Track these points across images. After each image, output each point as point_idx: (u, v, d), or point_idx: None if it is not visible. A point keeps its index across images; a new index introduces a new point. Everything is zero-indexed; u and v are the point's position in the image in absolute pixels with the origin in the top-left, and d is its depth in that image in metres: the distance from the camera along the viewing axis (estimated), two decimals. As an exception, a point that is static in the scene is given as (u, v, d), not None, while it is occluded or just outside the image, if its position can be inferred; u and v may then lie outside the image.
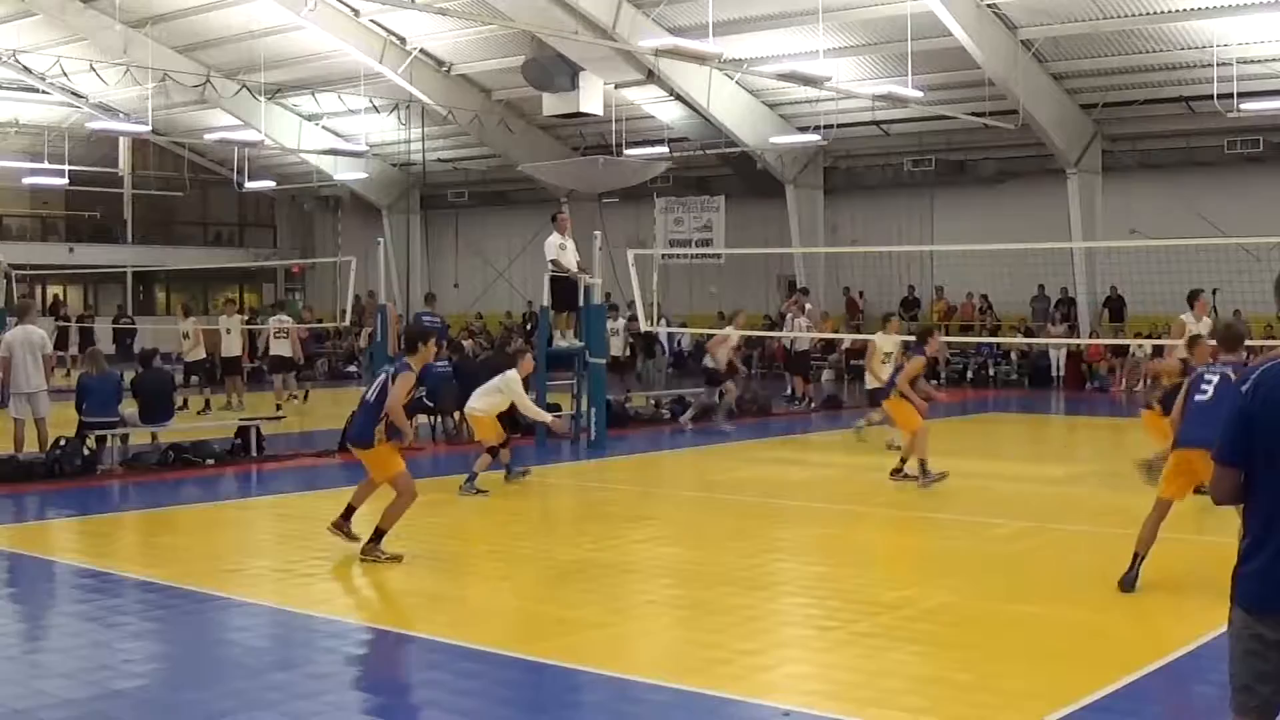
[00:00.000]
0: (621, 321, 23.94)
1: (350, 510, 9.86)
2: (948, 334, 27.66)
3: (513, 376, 13.09)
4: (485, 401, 13.13)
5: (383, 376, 9.81)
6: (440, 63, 31.05)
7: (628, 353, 24.81)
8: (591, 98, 27.55)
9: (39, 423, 14.47)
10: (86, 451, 14.19)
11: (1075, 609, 8.21)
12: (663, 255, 28.00)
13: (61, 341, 29.42)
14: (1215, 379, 8.60)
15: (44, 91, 36.33)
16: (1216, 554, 8.22)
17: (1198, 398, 8.62)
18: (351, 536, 9.70)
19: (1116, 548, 10.32)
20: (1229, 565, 3.87)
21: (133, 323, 33.83)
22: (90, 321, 33.33)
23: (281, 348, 22.33)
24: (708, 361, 19.83)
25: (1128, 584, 8.50)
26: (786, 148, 30.29)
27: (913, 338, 15.59)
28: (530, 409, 13.58)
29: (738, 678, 6.54)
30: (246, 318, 26.22)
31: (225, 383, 22.19)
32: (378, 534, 9.41)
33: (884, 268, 29.68)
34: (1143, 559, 8.52)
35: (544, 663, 6.85)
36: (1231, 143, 25.69)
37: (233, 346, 22.34)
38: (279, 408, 20.95)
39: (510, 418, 17.89)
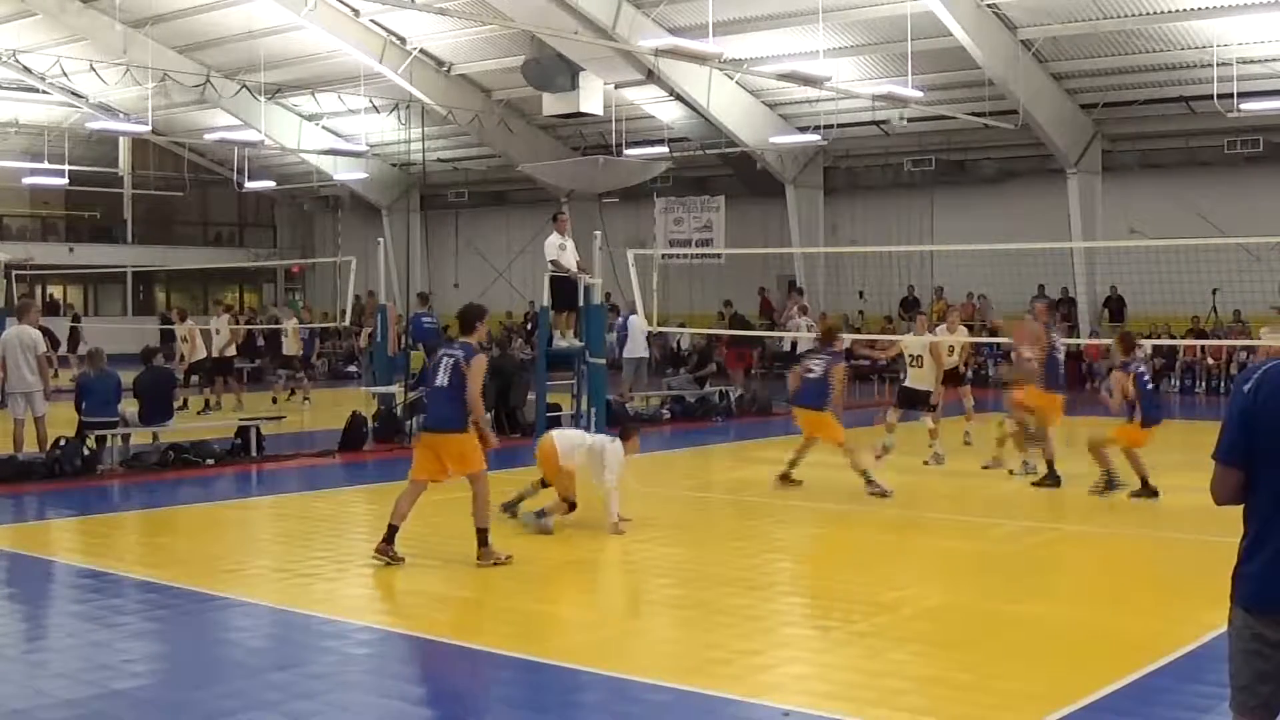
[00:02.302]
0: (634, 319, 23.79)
1: (393, 531, 9.25)
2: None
3: (616, 452, 10.81)
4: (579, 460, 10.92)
5: (450, 360, 9.37)
6: (440, 63, 31.05)
7: None
8: (591, 98, 27.54)
9: (37, 422, 14.46)
10: (86, 451, 14.18)
11: (1075, 609, 8.22)
12: (663, 255, 27.99)
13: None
14: (1146, 371, 12.77)
15: (44, 91, 36.33)
16: (1216, 554, 8.24)
17: (1149, 386, 12.40)
18: (397, 559, 9.22)
19: (1116, 547, 10.34)
20: (1229, 565, 3.87)
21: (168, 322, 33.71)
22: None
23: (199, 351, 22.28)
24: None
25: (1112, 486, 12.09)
26: (786, 148, 30.29)
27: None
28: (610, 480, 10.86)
29: (738, 678, 6.54)
30: (245, 318, 26.25)
31: (215, 382, 22.22)
32: (483, 536, 9.23)
33: (884, 268, 29.67)
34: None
35: (544, 663, 6.85)
36: (1231, 143, 25.67)
37: (224, 347, 22.40)
38: (205, 409, 21.32)
39: (511, 417, 17.98)
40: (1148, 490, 12.18)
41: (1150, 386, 12.52)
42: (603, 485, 10.56)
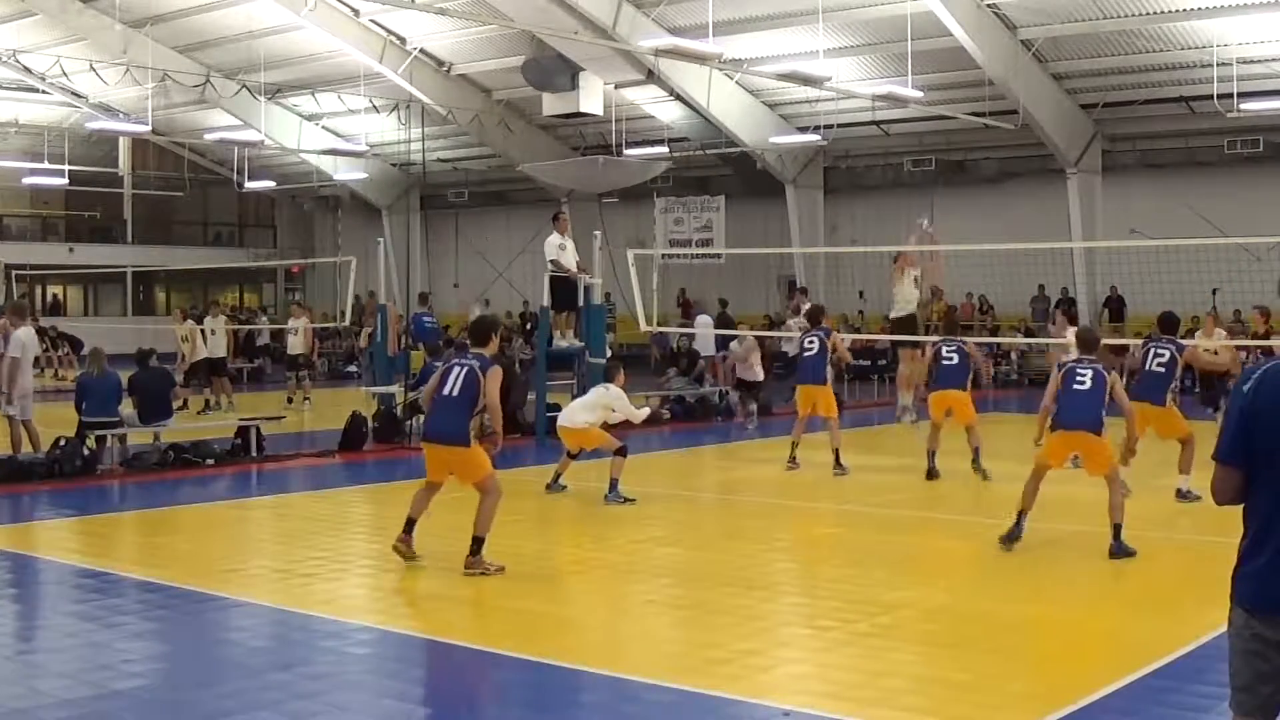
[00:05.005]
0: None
1: (411, 524, 9.16)
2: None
3: (617, 393, 12.60)
4: (587, 417, 12.42)
5: (462, 371, 9.08)
6: (440, 63, 31.05)
7: None
8: (591, 98, 27.56)
9: (26, 425, 14.47)
10: (86, 451, 14.18)
11: (1075, 609, 8.22)
12: (663, 255, 28.01)
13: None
14: (1089, 373, 9.88)
15: (44, 91, 36.34)
16: (1216, 554, 8.24)
17: (1075, 387, 9.82)
18: (413, 555, 9.12)
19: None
20: (1229, 565, 3.87)
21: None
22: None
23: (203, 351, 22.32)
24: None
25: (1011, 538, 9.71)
26: (786, 148, 30.30)
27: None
28: (634, 414, 12.77)
29: (738, 678, 6.53)
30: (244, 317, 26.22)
31: (212, 383, 22.23)
32: (477, 544, 8.85)
33: (884, 268, 29.64)
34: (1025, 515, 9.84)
35: (544, 663, 6.84)
36: (1231, 143, 25.69)
37: (218, 347, 22.42)
38: (205, 409, 21.35)
39: (511, 417, 17.96)
40: (1014, 528, 9.87)
41: (1082, 387, 9.78)
42: (634, 418, 12.59)
